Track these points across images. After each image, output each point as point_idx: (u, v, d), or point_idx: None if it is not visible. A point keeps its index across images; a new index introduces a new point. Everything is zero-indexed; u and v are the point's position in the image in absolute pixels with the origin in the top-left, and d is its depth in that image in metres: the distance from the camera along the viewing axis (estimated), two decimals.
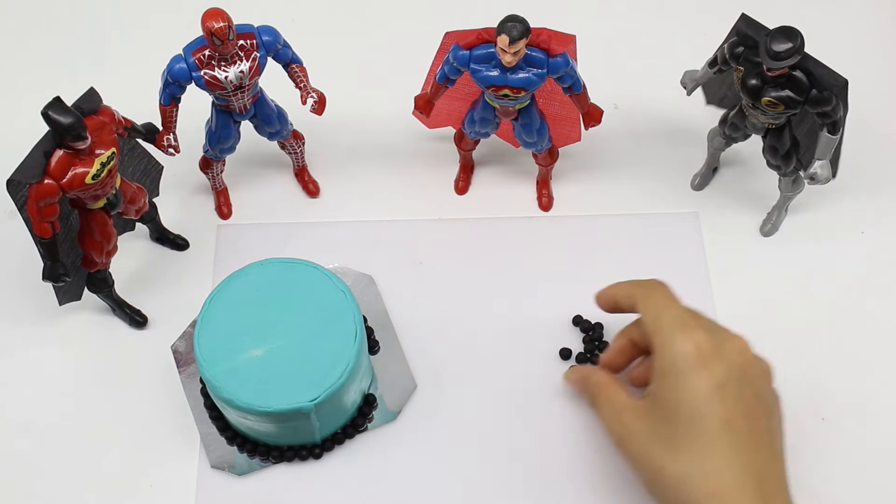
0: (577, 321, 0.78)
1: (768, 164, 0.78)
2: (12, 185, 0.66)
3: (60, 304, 0.75)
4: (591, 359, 0.76)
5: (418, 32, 0.82)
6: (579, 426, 0.74)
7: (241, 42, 0.72)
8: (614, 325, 0.78)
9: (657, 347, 0.63)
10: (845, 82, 0.70)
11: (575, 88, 0.74)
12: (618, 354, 0.70)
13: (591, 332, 0.77)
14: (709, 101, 0.82)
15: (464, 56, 0.72)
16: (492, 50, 0.71)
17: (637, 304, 0.67)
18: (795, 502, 0.61)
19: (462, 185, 0.85)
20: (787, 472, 0.62)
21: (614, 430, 0.65)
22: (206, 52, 0.71)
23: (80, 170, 0.67)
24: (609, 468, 0.72)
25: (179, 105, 0.75)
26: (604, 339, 0.77)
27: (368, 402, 0.74)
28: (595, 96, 0.77)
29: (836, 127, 0.72)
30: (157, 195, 0.81)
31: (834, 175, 0.76)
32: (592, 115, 0.77)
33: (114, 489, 0.72)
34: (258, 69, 0.73)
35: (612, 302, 0.70)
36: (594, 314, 0.78)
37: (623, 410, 0.65)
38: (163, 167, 0.81)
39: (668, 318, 0.64)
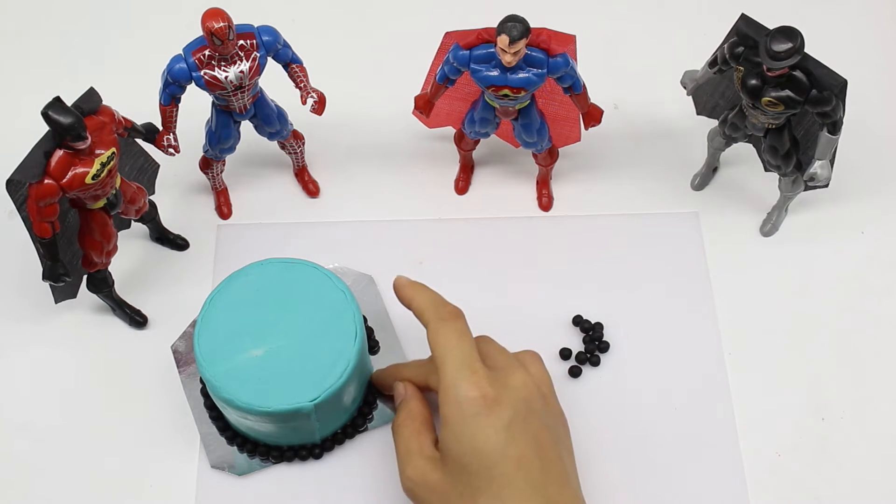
0: (577, 321, 0.78)
1: (768, 164, 0.78)
2: (12, 184, 0.66)
3: (56, 302, 0.75)
4: (591, 359, 0.76)
5: (418, 32, 0.82)
6: (578, 425, 0.74)
7: (241, 42, 0.72)
8: (614, 325, 0.78)
9: (442, 392, 0.63)
10: (845, 82, 0.70)
11: (575, 88, 0.74)
12: (413, 379, 0.69)
13: (591, 332, 0.77)
14: (699, 112, 0.82)
15: (464, 56, 0.72)
16: (492, 50, 0.71)
17: (427, 331, 0.66)
18: None
19: (462, 185, 0.85)
20: (579, 489, 0.64)
21: (407, 475, 0.64)
22: (206, 52, 0.71)
23: (80, 170, 0.67)
24: (608, 466, 0.72)
25: (179, 105, 0.75)
26: (604, 338, 0.77)
27: (369, 395, 0.74)
28: (595, 96, 0.77)
29: (836, 127, 0.72)
30: (153, 193, 0.81)
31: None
32: (592, 115, 0.77)
33: (114, 489, 0.72)
34: (258, 69, 0.73)
35: (407, 301, 0.68)
36: (594, 314, 0.78)
37: (420, 456, 0.64)
38: (159, 165, 0.81)
39: (453, 362, 0.63)
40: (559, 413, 0.67)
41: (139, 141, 0.77)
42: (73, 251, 0.74)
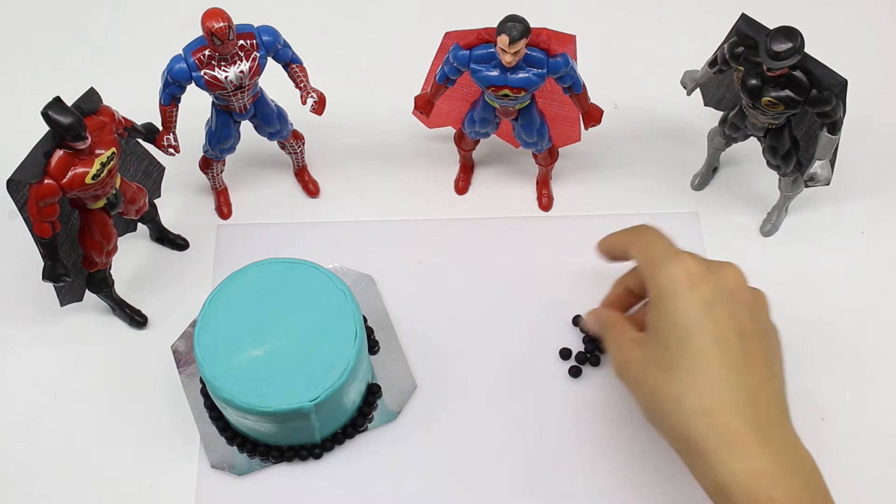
0: (577, 321, 0.78)
1: (768, 164, 0.78)
2: (12, 185, 0.67)
3: (62, 304, 0.75)
4: (591, 359, 0.76)
5: (418, 32, 0.82)
6: (579, 425, 0.74)
7: (241, 42, 0.72)
8: None
9: (649, 278, 0.64)
10: (845, 82, 0.70)
11: (575, 88, 0.74)
12: (614, 302, 0.71)
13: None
14: (707, 103, 0.82)
15: (464, 56, 0.72)
16: (492, 50, 0.71)
17: (629, 245, 0.68)
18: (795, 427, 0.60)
19: (462, 185, 0.85)
20: (787, 397, 0.62)
21: (616, 360, 0.66)
22: (206, 52, 0.71)
23: (80, 170, 0.67)
24: (610, 466, 0.72)
25: (179, 105, 0.75)
26: None
27: (370, 396, 0.74)
28: (595, 96, 0.77)
29: (836, 127, 0.72)
30: (159, 196, 0.81)
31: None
32: (592, 115, 0.77)
33: (114, 489, 0.72)
34: (258, 69, 0.73)
35: (609, 251, 0.71)
36: None
37: (625, 341, 0.66)
38: (164, 168, 0.81)
39: (656, 250, 0.65)
40: (771, 323, 0.66)
41: (141, 142, 0.77)
42: (77, 253, 0.74)
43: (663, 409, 0.61)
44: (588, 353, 0.76)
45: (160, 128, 0.76)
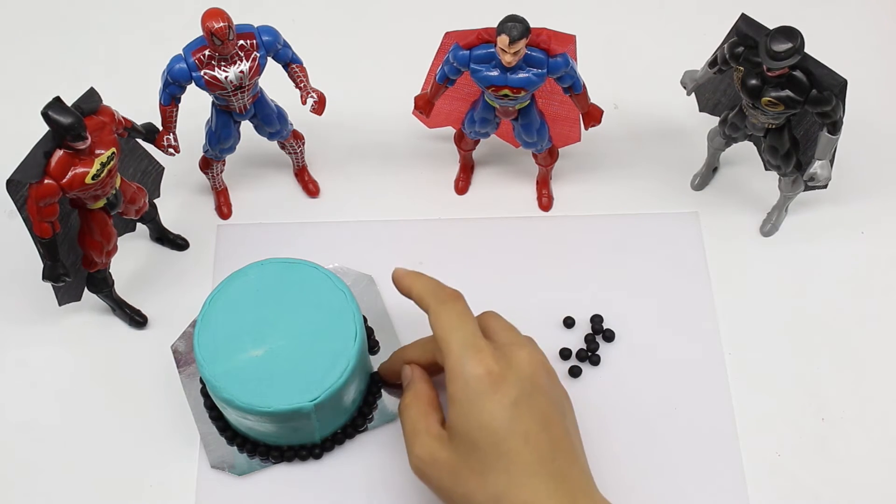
0: (569, 323, 0.78)
1: (768, 164, 0.78)
2: (12, 185, 0.66)
3: (60, 304, 0.75)
4: (591, 357, 0.76)
5: (418, 32, 0.82)
6: (579, 424, 0.74)
7: (241, 42, 0.72)
8: (614, 325, 0.78)
9: (448, 371, 0.63)
10: (845, 82, 0.70)
11: (575, 88, 0.74)
12: (420, 359, 0.69)
13: (593, 326, 0.77)
14: (702, 108, 0.82)
15: (464, 56, 0.72)
16: (492, 50, 0.71)
17: (429, 314, 0.66)
18: (602, 494, 0.63)
19: (462, 185, 0.85)
20: (587, 464, 0.64)
21: (415, 454, 0.64)
22: (206, 52, 0.71)
23: (80, 170, 0.67)
24: (610, 465, 0.72)
25: (179, 105, 0.75)
26: (605, 327, 0.77)
27: (370, 396, 0.74)
28: (595, 96, 0.77)
29: (835, 127, 0.72)
30: (158, 196, 0.81)
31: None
32: (592, 115, 0.77)
33: (114, 489, 0.72)
34: (258, 69, 0.73)
35: (406, 290, 0.69)
36: (589, 316, 0.78)
37: (428, 435, 0.64)
38: (164, 168, 0.81)
39: (458, 339, 0.63)
40: (562, 390, 0.67)
41: (140, 142, 0.77)
42: (77, 253, 0.74)
43: None
44: (590, 353, 0.76)
45: (160, 128, 0.76)
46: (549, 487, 0.60)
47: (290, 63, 0.75)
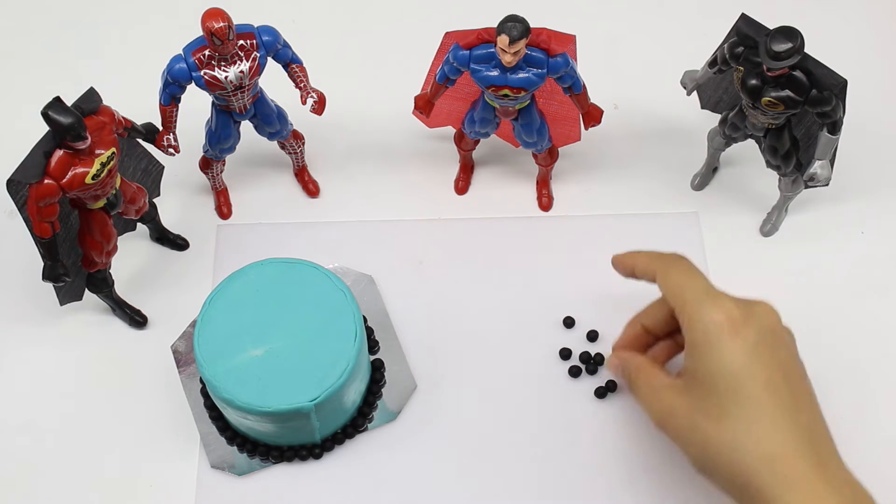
0: (569, 323, 0.78)
1: (768, 164, 0.78)
2: (12, 185, 0.67)
3: (61, 304, 0.75)
4: (592, 359, 0.76)
5: (418, 32, 0.82)
6: (579, 424, 0.74)
7: (241, 42, 0.72)
8: (614, 325, 0.78)
9: (686, 320, 0.63)
10: (845, 82, 0.70)
11: (575, 88, 0.74)
12: (632, 342, 0.70)
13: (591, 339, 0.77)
14: (704, 106, 0.82)
15: (464, 56, 0.72)
16: (492, 50, 0.71)
17: (657, 277, 0.66)
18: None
19: (462, 185, 0.85)
20: (828, 429, 0.62)
21: (655, 410, 0.65)
22: (206, 52, 0.71)
23: (80, 170, 0.67)
24: (610, 465, 0.72)
25: (179, 105, 0.75)
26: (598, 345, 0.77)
27: (370, 396, 0.74)
28: (595, 96, 0.77)
29: (835, 127, 0.72)
30: (158, 195, 0.81)
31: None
32: (592, 115, 0.77)
33: (114, 489, 0.72)
34: (258, 69, 0.73)
35: (629, 269, 0.70)
36: (594, 314, 0.78)
37: (661, 389, 0.65)
38: (163, 167, 0.81)
39: (692, 291, 0.64)
40: (803, 364, 0.65)
41: (140, 142, 0.77)
42: (77, 253, 0.74)
43: (719, 458, 0.60)
44: (592, 357, 0.76)
45: (160, 128, 0.76)
46: (796, 441, 0.58)
47: (290, 63, 0.75)
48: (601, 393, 0.75)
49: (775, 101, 0.71)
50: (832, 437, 0.61)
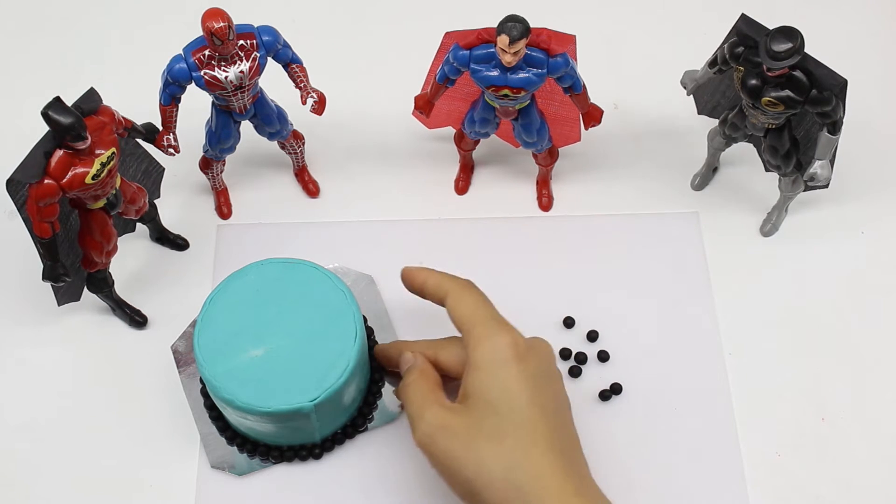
0: (569, 323, 0.78)
1: (768, 164, 0.78)
2: (12, 185, 0.67)
3: (59, 304, 0.75)
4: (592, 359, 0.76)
5: (418, 32, 0.82)
6: (578, 424, 0.74)
7: (241, 42, 0.72)
8: (614, 325, 0.78)
9: (474, 342, 0.65)
10: (845, 82, 0.70)
11: (575, 88, 0.74)
12: (423, 352, 0.69)
13: (591, 339, 0.77)
14: (700, 111, 0.82)
15: (464, 56, 0.72)
16: (492, 50, 0.71)
17: (449, 298, 0.67)
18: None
19: (462, 185, 0.85)
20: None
21: (426, 422, 0.63)
22: (206, 52, 0.71)
23: (80, 170, 0.67)
24: (607, 466, 0.72)
25: (179, 105, 0.75)
26: (600, 342, 0.77)
27: (370, 396, 0.74)
28: (595, 96, 0.77)
29: (835, 127, 0.72)
30: (158, 196, 0.81)
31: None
32: (592, 115, 0.77)
33: (114, 489, 0.72)
34: (258, 69, 0.73)
35: (419, 285, 0.70)
36: (593, 314, 0.78)
37: (438, 404, 0.64)
38: (164, 168, 0.81)
39: (484, 316, 0.66)
40: (566, 397, 0.68)
41: (141, 142, 0.77)
42: (76, 253, 0.74)
43: (493, 476, 0.61)
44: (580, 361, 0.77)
45: (160, 128, 0.76)
46: (564, 463, 0.61)
47: (290, 63, 0.75)
48: (605, 396, 0.75)
49: (775, 101, 0.71)
50: (587, 462, 0.64)
